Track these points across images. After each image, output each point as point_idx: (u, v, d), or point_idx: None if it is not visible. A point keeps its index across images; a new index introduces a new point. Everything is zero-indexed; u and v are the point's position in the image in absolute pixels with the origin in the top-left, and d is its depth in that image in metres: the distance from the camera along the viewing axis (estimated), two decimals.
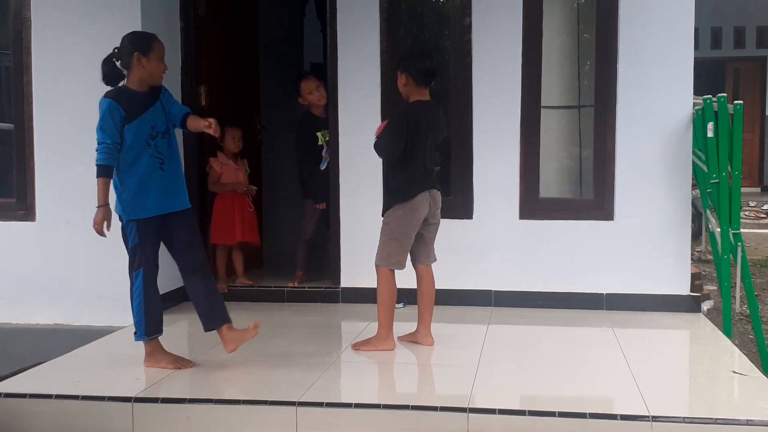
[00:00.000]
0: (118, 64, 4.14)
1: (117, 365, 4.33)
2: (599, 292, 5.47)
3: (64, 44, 5.38)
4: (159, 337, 4.24)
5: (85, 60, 5.33)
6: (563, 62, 5.78)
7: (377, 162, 4.94)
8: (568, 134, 5.87)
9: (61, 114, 5.40)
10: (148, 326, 4.16)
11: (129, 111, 4.04)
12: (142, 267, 4.11)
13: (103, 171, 3.98)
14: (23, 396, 3.82)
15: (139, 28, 5.19)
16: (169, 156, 4.16)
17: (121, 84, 4.14)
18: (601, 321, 5.19)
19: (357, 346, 4.53)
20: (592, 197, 5.56)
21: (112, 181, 4.05)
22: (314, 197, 5.95)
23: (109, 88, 4.13)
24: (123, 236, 4.17)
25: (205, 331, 4.29)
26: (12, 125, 5.60)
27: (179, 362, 4.23)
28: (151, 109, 4.11)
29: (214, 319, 4.25)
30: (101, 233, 4.01)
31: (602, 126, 5.50)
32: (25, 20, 5.43)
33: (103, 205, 3.98)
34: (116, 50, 4.15)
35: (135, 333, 4.20)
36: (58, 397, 3.80)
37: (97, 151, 3.99)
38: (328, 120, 5.79)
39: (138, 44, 4.10)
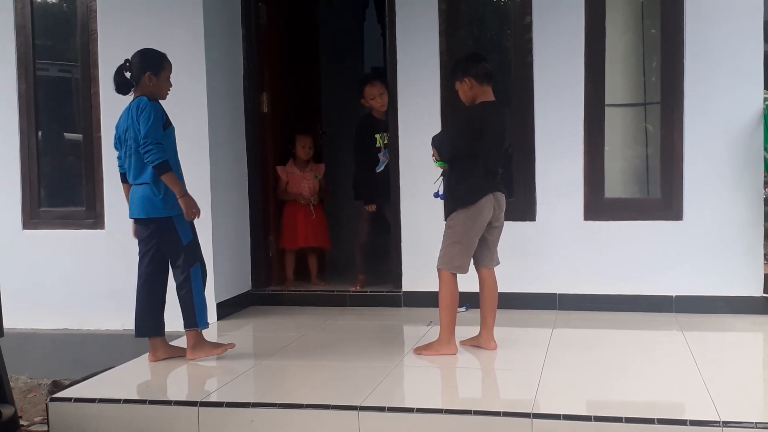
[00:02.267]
0: (127, 75, 4.33)
1: (182, 370, 4.40)
2: (668, 294, 5.33)
3: (129, 55, 5.49)
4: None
5: None
6: (627, 59, 5.66)
7: (437, 165, 4.90)
8: (634, 132, 5.74)
9: None
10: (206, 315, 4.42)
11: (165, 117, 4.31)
12: (198, 261, 4.37)
13: (167, 165, 4.16)
14: (93, 401, 3.91)
15: (202, 38, 5.32)
16: None
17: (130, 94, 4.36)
18: (669, 324, 5.05)
19: (419, 351, 4.50)
20: (660, 196, 5.42)
21: (153, 184, 4.23)
22: (365, 199, 5.97)
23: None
24: (163, 237, 4.31)
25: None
26: (81, 135, 5.77)
27: (221, 347, 4.46)
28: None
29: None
30: (198, 215, 4.23)
31: (669, 123, 5.36)
32: (91, 33, 5.59)
33: (185, 193, 4.20)
34: (127, 63, 4.35)
35: (197, 323, 4.37)
36: (126, 401, 3.88)
37: (149, 151, 4.13)
38: (388, 123, 5.79)
39: (150, 64, 4.32)
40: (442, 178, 4.56)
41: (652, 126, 5.58)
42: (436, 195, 4.59)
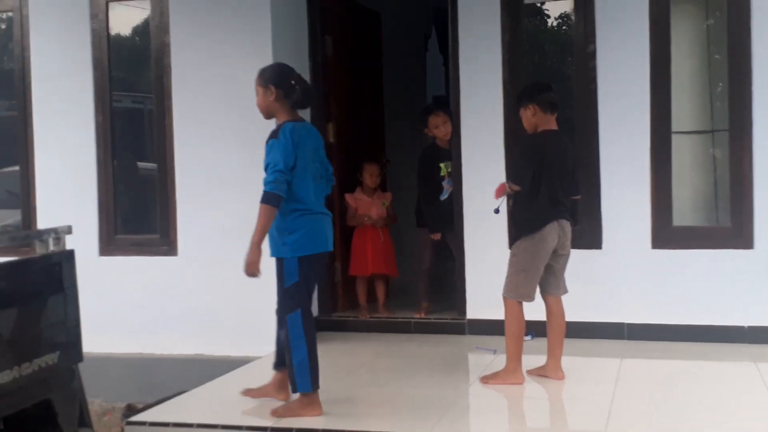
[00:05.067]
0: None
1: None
2: (740, 324, 5.21)
3: (201, 88, 5.69)
4: None
5: (220, 102, 5.64)
6: (693, 85, 5.60)
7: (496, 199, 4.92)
8: (701, 159, 5.67)
9: (199, 154, 5.70)
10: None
11: None
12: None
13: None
14: (167, 425, 4.01)
15: None
16: None
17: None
18: (741, 355, 4.93)
19: (485, 380, 4.50)
20: (730, 225, 5.33)
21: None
22: (429, 227, 6.01)
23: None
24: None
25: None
26: (153, 164, 5.97)
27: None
28: None
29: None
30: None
31: (738, 149, 5.28)
32: (165, 66, 5.79)
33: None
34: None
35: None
36: (199, 426, 3.97)
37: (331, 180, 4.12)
38: (452, 151, 5.84)
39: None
40: (506, 197, 4.56)
41: (720, 152, 5.50)
42: (497, 211, 4.58)
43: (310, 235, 3.92)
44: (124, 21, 6.14)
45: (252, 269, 3.85)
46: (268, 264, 3.97)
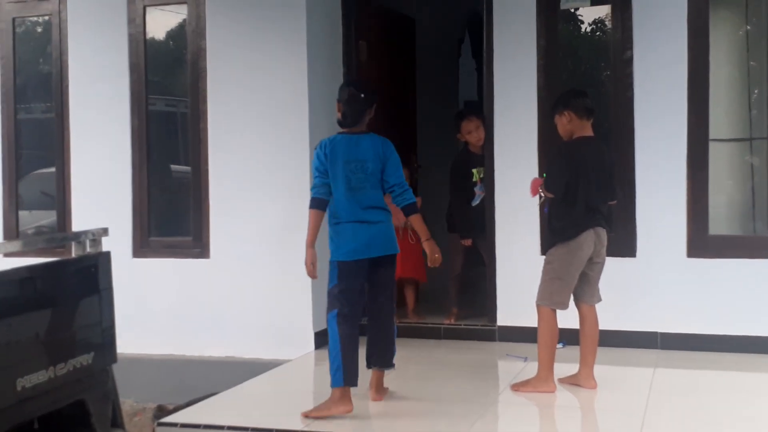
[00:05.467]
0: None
1: (284, 398, 4.50)
2: None
3: (236, 92, 5.73)
4: None
5: (254, 107, 5.68)
6: (731, 92, 5.52)
7: (533, 199, 4.89)
8: (739, 167, 5.59)
9: (232, 158, 5.74)
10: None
11: None
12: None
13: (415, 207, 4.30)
14: (197, 426, 4.04)
15: (305, 78, 5.52)
16: None
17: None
18: None
19: (516, 387, 4.47)
20: (767, 234, 5.24)
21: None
22: (461, 232, 5.98)
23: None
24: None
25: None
26: (187, 168, 6.02)
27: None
28: None
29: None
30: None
31: None
32: (201, 70, 5.84)
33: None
34: (362, 95, 4.35)
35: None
36: (230, 428, 3.98)
37: (407, 191, 4.27)
38: (484, 157, 5.81)
39: (374, 98, 4.43)
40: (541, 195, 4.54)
41: (758, 160, 5.41)
42: (544, 210, 4.69)
43: (336, 243, 4.16)
44: (160, 25, 6.21)
45: (307, 269, 4.12)
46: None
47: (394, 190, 4.25)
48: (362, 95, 4.29)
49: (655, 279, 5.34)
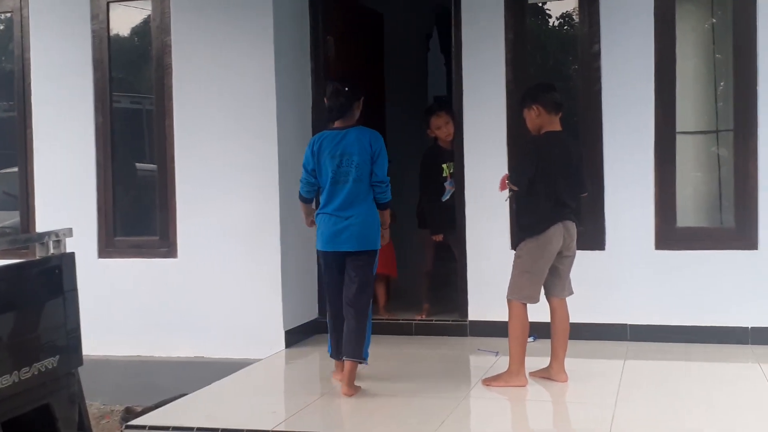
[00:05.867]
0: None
1: (254, 398, 4.46)
2: (743, 325, 5.18)
3: (202, 89, 5.65)
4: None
5: (221, 104, 5.61)
6: (698, 85, 5.57)
7: (502, 193, 4.89)
8: (705, 159, 5.63)
9: (199, 155, 5.66)
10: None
11: None
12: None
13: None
14: (166, 428, 3.98)
15: (272, 73, 5.46)
16: None
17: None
18: (745, 356, 4.91)
19: (487, 382, 4.47)
20: (734, 225, 5.31)
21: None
22: (431, 228, 5.97)
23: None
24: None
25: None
26: (152, 165, 5.93)
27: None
28: None
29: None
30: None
31: (743, 150, 5.25)
32: (166, 67, 5.75)
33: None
34: (346, 89, 4.44)
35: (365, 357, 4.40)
36: (199, 429, 3.93)
37: (388, 188, 4.45)
38: (454, 152, 5.80)
39: (360, 92, 4.50)
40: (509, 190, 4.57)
41: (725, 153, 5.47)
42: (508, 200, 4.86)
43: (317, 232, 4.48)
44: (124, 21, 6.10)
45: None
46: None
47: (378, 186, 4.40)
48: (346, 89, 4.38)
49: (624, 271, 5.38)
